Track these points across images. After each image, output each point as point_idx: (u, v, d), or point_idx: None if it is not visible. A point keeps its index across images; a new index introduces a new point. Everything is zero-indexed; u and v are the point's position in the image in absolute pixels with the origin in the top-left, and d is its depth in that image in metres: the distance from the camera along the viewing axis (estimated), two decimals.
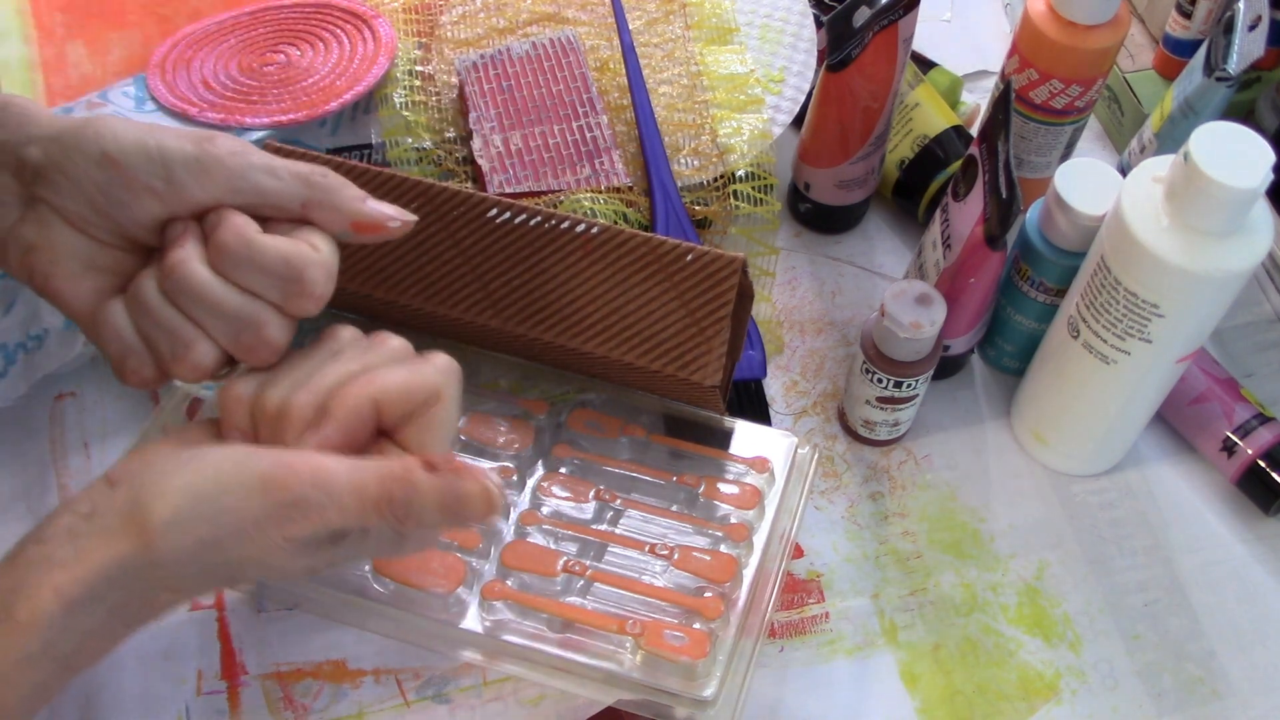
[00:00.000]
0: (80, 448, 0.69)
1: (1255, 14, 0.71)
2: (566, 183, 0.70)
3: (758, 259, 0.75)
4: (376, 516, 0.44)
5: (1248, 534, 0.70)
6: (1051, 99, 0.72)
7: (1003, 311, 0.72)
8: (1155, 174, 0.58)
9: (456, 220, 0.60)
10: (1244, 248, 0.57)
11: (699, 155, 0.74)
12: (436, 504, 0.45)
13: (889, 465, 0.71)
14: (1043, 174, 0.77)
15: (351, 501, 0.44)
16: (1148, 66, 0.84)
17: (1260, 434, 0.69)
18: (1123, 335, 0.61)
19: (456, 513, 0.46)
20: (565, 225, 0.59)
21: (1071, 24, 0.68)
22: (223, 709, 0.62)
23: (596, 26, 0.79)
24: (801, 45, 0.79)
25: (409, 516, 0.45)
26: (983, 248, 0.64)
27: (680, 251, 0.58)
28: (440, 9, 0.79)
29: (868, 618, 0.66)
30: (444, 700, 0.62)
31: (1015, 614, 0.66)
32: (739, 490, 0.62)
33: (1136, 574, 0.68)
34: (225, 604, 0.65)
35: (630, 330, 0.59)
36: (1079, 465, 0.71)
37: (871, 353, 0.66)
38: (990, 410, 0.74)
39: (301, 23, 0.77)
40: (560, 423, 0.64)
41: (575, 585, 0.59)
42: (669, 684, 0.55)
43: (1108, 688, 0.64)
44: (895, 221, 0.82)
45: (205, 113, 0.72)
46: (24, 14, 0.86)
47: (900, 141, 0.78)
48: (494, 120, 0.72)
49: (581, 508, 0.61)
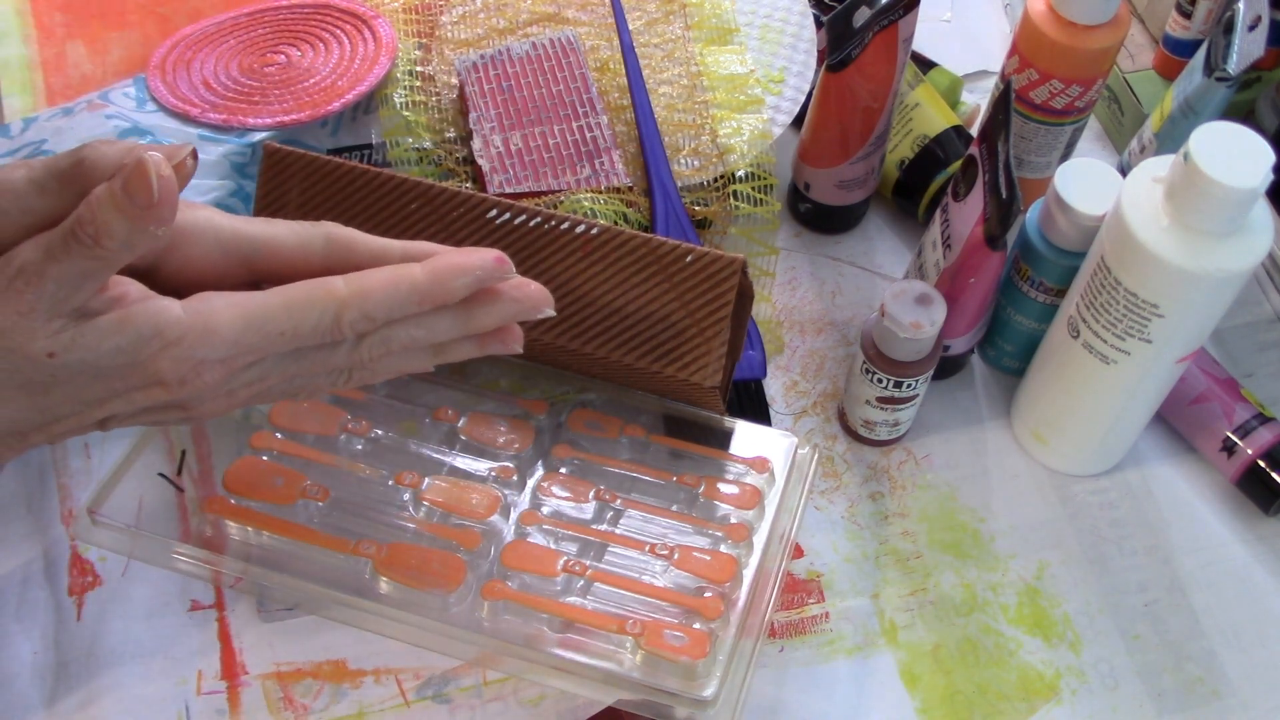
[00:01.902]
0: (80, 449, 0.69)
1: (1255, 14, 0.71)
2: (566, 183, 0.70)
3: (758, 259, 0.75)
4: (74, 248, 0.43)
5: (1248, 534, 0.70)
6: (1051, 99, 0.72)
7: (1003, 311, 0.72)
8: (1155, 174, 0.58)
9: (456, 221, 0.60)
10: (1244, 248, 0.57)
11: (699, 155, 0.74)
12: (109, 201, 0.43)
13: (889, 465, 0.71)
14: (1043, 174, 0.77)
15: (42, 243, 0.44)
16: (1148, 66, 0.84)
17: (1260, 434, 0.69)
18: (1123, 335, 0.61)
19: (132, 197, 0.43)
20: (565, 226, 0.59)
21: (1071, 24, 0.68)
22: (223, 709, 0.62)
23: (596, 26, 0.79)
24: (801, 45, 0.79)
25: (95, 227, 0.43)
26: (983, 248, 0.64)
27: (680, 252, 0.58)
28: (440, 9, 0.79)
29: (868, 618, 0.66)
30: (444, 700, 0.62)
31: (1015, 614, 0.66)
32: (739, 490, 0.62)
33: (1136, 574, 0.68)
34: (225, 604, 0.65)
35: (630, 331, 0.59)
36: (1079, 465, 0.71)
37: (871, 353, 0.66)
38: (990, 410, 0.74)
39: (301, 23, 0.77)
40: (560, 423, 0.64)
41: (575, 585, 0.59)
42: (669, 684, 0.55)
43: (1108, 688, 0.64)
44: (895, 221, 0.82)
45: (207, 113, 0.72)
46: (24, 14, 0.86)
47: (900, 141, 0.78)
48: (494, 120, 0.72)
49: (581, 508, 0.61)
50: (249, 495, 0.60)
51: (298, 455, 0.62)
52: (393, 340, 0.49)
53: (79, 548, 0.66)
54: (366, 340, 0.49)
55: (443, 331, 0.50)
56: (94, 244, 0.43)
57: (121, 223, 0.43)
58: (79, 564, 0.66)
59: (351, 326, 0.48)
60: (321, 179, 0.60)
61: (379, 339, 0.49)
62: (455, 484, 0.61)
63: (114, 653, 0.63)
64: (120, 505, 0.61)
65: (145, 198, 0.43)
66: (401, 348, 0.50)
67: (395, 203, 0.60)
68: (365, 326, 0.48)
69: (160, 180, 0.43)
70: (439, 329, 0.50)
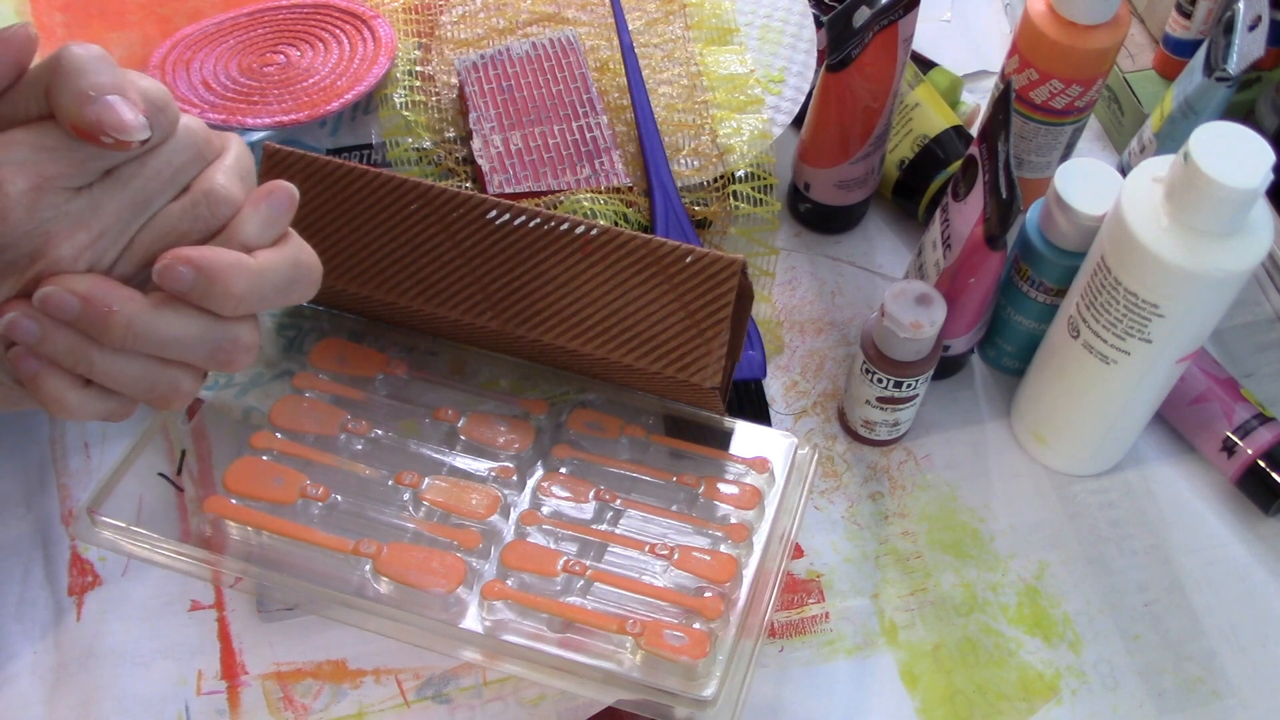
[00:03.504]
0: (80, 449, 0.69)
1: (1255, 14, 0.71)
2: (566, 183, 0.70)
3: (757, 259, 0.75)
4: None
5: (1248, 534, 0.70)
6: (1051, 99, 0.72)
7: (1003, 311, 0.72)
8: (1155, 174, 0.58)
9: (456, 222, 0.60)
10: (1244, 248, 0.57)
11: (699, 155, 0.74)
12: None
13: (889, 465, 0.71)
14: (1043, 174, 0.77)
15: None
16: (1148, 66, 0.84)
17: (1260, 434, 0.69)
18: (1123, 335, 0.61)
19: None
20: (565, 227, 0.59)
21: (1071, 24, 0.68)
22: (223, 709, 0.62)
23: (596, 26, 0.79)
24: (801, 45, 0.79)
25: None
26: (983, 248, 0.64)
27: (680, 253, 0.58)
28: (440, 9, 0.79)
29: (868, 618, 0.66)
30: (444, 700, 0.62)
31: (1015, 614, 0.66)
32: (739, 490, 0.62)
33: (1136, 574, 0.68)
34: (225, 604, 0.65)
35: (630, 332, 0.59)
36: (1079, 465, 0.71)
37: (871, 353, 0.66)
38: (990, 410, 0.74)
39: (301, 23, 0.77)
40: (560, 423, 0.64)
41: (575, 585, 0.59)
42: (669, 684, 0.55)
43: (1108, 688, 0.64)
44: (895, 221, 0.82)
45: (206, 113, 0.72)
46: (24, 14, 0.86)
47: (900, 141, 0.78)
48: (494, 120, 0.72)
49: (581, 508, 0.61)
50: (249, 495, 0.60)
51: (298, 455, 0.62)
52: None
53: (79, 548, 0.66)
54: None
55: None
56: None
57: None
58: (79, 564, 0.66)
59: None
60: (321, 179, 0.60)
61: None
62: (455, 484, 0.61)
63: (114, 653, 0.63)
64: (120, 505, 0.60)
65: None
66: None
67: (395, 203, 0.60)
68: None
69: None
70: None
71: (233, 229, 0.44)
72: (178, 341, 0.43)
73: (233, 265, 0.43)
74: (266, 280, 0.44)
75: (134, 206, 0.42)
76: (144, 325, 0.42)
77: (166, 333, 0.42)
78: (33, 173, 0.40)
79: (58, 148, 0.41)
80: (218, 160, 0.44)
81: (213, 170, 0.44)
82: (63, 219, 0.41)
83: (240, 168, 0.45)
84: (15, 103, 0.42)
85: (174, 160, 0.43)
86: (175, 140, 0.43)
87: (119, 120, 0.40)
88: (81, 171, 0.41)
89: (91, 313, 0.41)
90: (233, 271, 0.43)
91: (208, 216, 0.43)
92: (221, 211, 0.44)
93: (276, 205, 0.45)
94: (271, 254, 0.44)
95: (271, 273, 0.44)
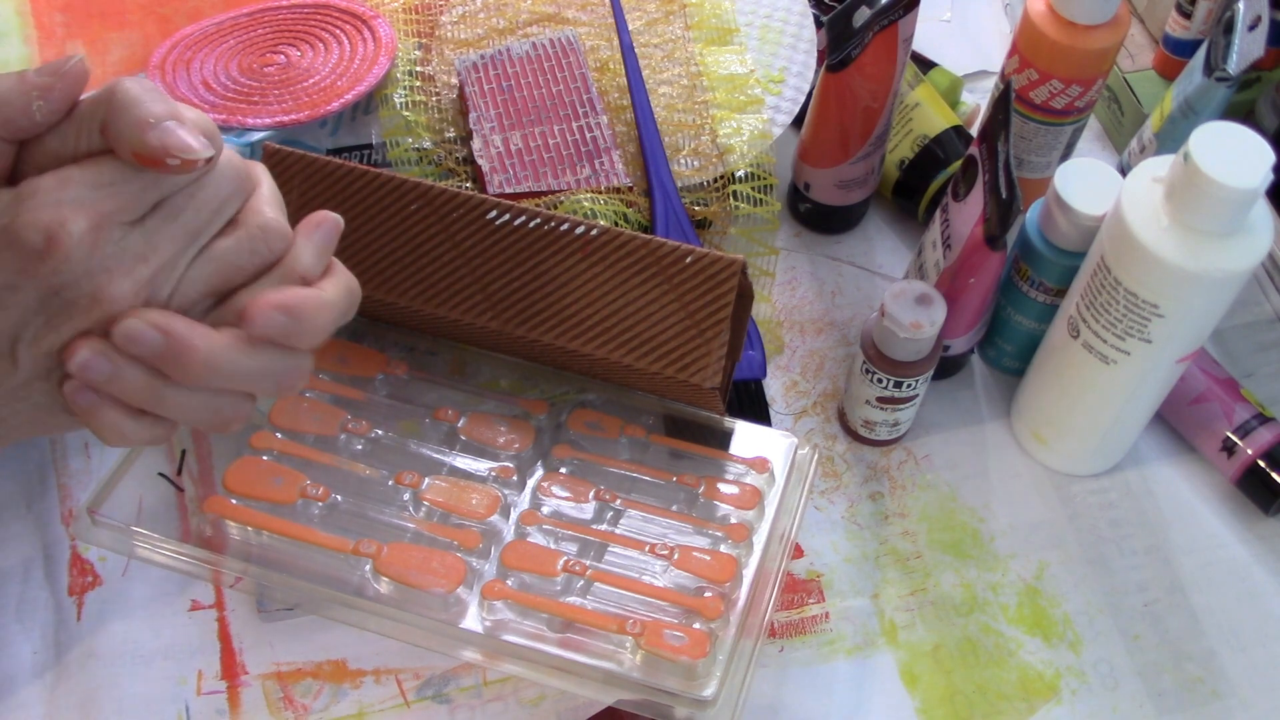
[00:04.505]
0: (80, 449, 0.69)
1: (1255, 14, 0.71)
2: (566, 183, 0.70)
3: (757, 259, 0.75)
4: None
5: (1248, 534, 0.70)
6: (1051, 99, 0.72)
7: (1003, 311, 0.72)
8: (1155, 174, 0.58)
9: (456, 222, 0.60)
10: (1244, 248, 0.57)
11: (699, 155, 0.74)
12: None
13: (889, 465, 0.71)
14: (1043, 174, 0.77)
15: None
16: (1148, 66, 0.84)
17: (1260, 434, 0.69)
18: (1123, 335, 0.61)
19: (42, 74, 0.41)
20: (565, 227, 0.59)
21: (1071, 24, 0.68)
22: (223, 709, 0.62)
23: (596, 26, 0.79)
24: (801, 45, 0.79)
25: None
26: (983, 248, 0.64)
27: (680, 253, 0.58)
28: (440, 9, 0.79)
29: (868, 618, 0.66)
30: (444, 700, 0.62)
31: (1015, 614, 0.66)
32: (739, 490, 0.62)
33: (1136, 574, 0.68)
34: (225, 604, 0.65)
35: (630, 332, 0.59)
36: (1079, 465, 0.71)
37: (871, 353, 0.66)
38: (990, 410, 0.74)
39: (301, 23, 0.78)
40: (560, 423, 0.64)
41: (575, 585, 0.59)
42: (669, 684, 0.55)
43: (1108, 688, 0.64)
44: (895, 221, 0.82)
45: (206, 113, 0.71)
46: (24, 14, 0.86)
47: (900, 141, 0.78)
48: (494, 120, 0.72)
49: (581, 508, 0.61)
50: (249, 495, 0.60)
51: (298, 455, 0.62)
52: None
53: (79, 548, 0.66)
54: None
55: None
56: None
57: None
58: (79, 564, 0.66)
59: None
60: (321, 179, 0.60)
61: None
62: (455, 484, 0.61)
63: (114, 653, 0.63)
64: (120, 505, 0.61)
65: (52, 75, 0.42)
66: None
67: (395, 203, 0.60)
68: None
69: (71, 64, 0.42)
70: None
71: (290, 262, 0.45)
72: (249, 375, 0.43)
73: (318, 305, 0.44)
74: (337, 311, 0.45)
75: (186, 238, 0.43)
76: (224, 362, 0.42)
77: (244, 368, 0.43)
78: (91, 210, 0.40)
79: (114, 182, 0.41)
80: (256, 192, 0.45)
81: (258, 203, 0.45)
82: (121, 255, 0.41)
83: (276, 198, 0.46)
84: (65, 137, 0.42)
85: (220, 191, 0.43)
86: (219, 171, 0.43)
87: (183, 142, 0.41)
88: (137, 204, 0.41)
89: (173, 350, 0.41)
90: (319, 310, 0.44)
91: (264, 251, 0.44)
92: (277, 246, 0.44)
93: (327, 236, 0.46)
94: (333, 284, 0.46)
95: (340, 302, 0.45)
